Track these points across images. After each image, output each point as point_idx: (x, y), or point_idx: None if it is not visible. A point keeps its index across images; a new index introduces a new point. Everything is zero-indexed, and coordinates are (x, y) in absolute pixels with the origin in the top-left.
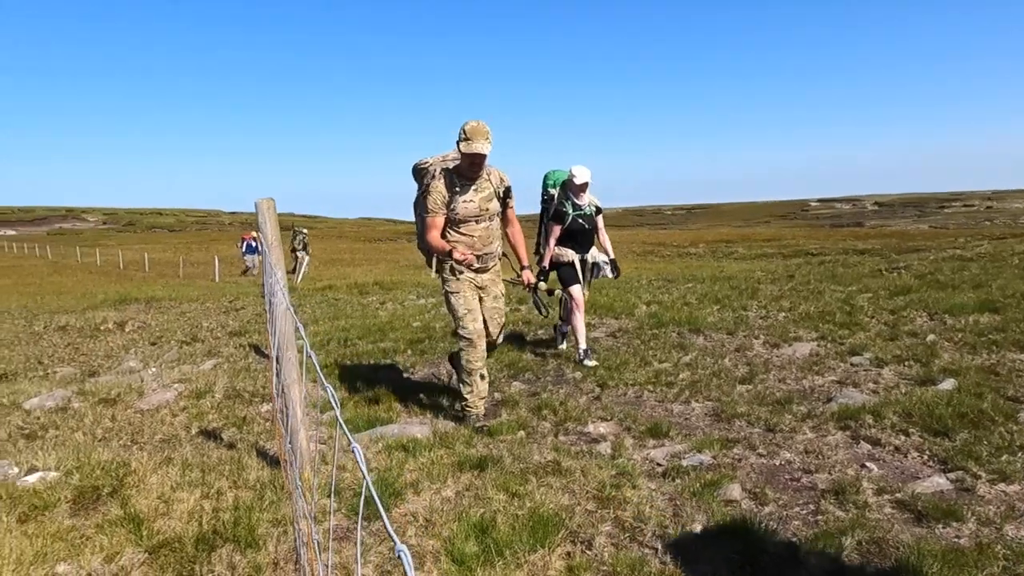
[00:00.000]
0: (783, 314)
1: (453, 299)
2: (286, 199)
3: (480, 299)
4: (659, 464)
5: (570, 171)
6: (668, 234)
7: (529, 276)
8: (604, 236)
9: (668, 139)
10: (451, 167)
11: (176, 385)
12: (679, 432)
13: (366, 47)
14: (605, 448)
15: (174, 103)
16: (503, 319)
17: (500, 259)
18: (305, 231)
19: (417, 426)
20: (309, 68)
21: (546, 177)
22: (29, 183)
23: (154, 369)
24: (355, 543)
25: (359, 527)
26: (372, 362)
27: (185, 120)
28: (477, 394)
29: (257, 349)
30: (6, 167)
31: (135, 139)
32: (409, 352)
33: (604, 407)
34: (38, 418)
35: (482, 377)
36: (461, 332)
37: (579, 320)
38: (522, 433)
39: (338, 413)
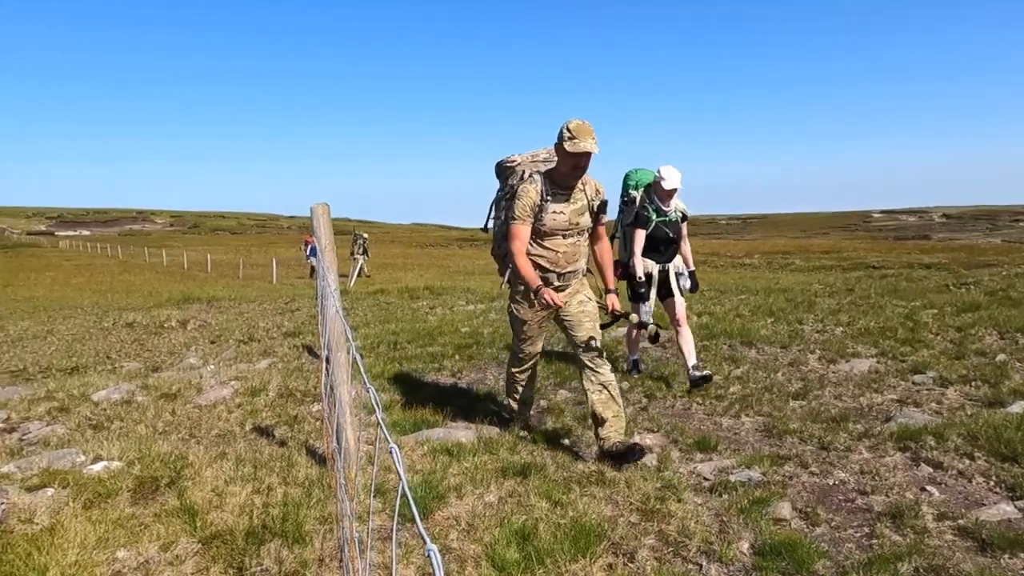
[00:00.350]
0: (841, 329)
1: (516, 324)
2: (341, 204)
3: (558, 315)
4: (706, 478)
5: (657, 172)
6: (722, 243)
7: (615, 301)
8: (686, 245)
9: (722, 146)
10: (543, 171)
11: (233, 382)
12: (728, 447)
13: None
14: (651, 460)
15: (239, 110)
16: (594, 322)
17: (585, 275)
18: (365, 235)
19: (462, 430)
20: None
21: (627, 176)
22: (104, 186)
23: (212, 366)
24: (396, 543)
25: (394, 529)
26: (420, 366)
27: (248, 126)
28: (522, 402)
29: (310, 350)
30: (85, 170)
31: (203, 144)
32: (457, 357)
33: (651, 418)
34: (105, 410)
35: (525, 387)
36: (516, 351)
37: (633, 333)
38: (566, 441)
39: (380, 416)
